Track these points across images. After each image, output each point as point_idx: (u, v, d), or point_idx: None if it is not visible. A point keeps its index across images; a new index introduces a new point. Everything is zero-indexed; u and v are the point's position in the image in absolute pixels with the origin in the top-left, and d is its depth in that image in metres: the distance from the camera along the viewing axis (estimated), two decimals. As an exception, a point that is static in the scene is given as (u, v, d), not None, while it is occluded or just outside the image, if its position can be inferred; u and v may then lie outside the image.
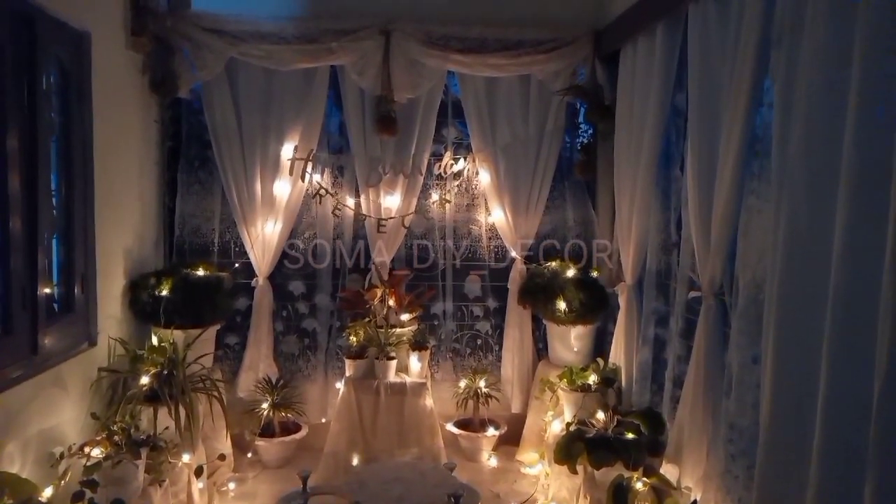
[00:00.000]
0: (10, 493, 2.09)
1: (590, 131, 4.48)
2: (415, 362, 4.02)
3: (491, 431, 4.15)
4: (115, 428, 2.73)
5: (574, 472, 3.14)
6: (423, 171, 4.26)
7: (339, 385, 4.03)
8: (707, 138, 2.71)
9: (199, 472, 3.02)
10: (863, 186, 1.76)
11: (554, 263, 4.18)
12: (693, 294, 2.86)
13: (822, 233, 1.92)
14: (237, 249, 4.23)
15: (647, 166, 3.35)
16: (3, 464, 2.27)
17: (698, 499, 2.64)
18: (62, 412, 2.73)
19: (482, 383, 4.16)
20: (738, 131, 2.43)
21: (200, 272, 3.72)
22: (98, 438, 2.70)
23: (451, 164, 4.28)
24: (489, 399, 4.18)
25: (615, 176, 3.84)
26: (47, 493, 2.25)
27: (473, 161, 4.31)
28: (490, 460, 4.10)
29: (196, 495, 3.11)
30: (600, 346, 4.13)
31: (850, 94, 1.80)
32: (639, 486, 2.79)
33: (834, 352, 1.83)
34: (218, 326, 3.85)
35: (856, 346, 1.79)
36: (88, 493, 2.40)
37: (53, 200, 2.79)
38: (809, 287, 1.99)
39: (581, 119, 4.49)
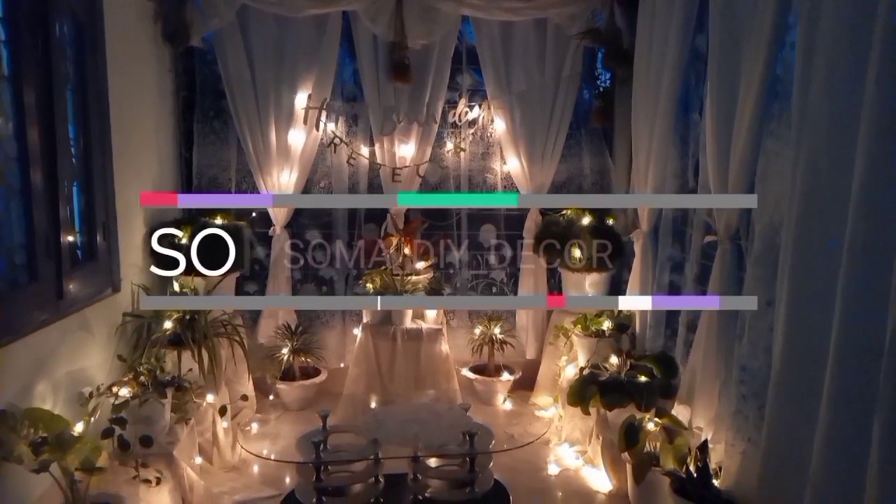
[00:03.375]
0: (43, 428, 2.20)
1: (607, 77, 4.40)
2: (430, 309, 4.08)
3: (506, 376, 4.23)
4: (141, 369, 2.83)
5: (587, 413, 3.21)
6: (438, 119, 4.22)
7: (357, 331, 4.12)
8: (727, 80, 2.64)
9: (223, 412, 3.13)
10: (884, 129, 1.72)
11: (569, 211, 4.17)
12: (709, 239, 2.85)
13: (841, 176, 1.89)
14: (254, 199, 4.27)
15: (666, 111, 3.30)
16: (36, 401, 2.37)
17: (709, 438, 2.68)
18: (89, 355, 2.83)
19: (497, 330, 4.23)
20: (758, 72, 2.37)
21: (219, 221, 3.77)
22: (125, 379, 2.80)
23: (466, 112, 4.24)
24: (504, 345, 4.24)
25: (633, 122, 3.78)
26: (78, 428, 2.35)
27: (488, 109, 4.27)
28: (505, 404, 4.20)
29: (221, 434, 3.24)
30: (615, 293, 4.15)
31: (874, 33, 1.74)
32: (650, 426, 2.84)
33: (848, 294, 1.83)
34: (237, 274, 3.93)
35: (870, 290, 1.78)
36: (118, 430, 2.51)
37: (72, 150, 2.83)
38: (826, 230, 1.97)
39: (599, 65, 4.41)
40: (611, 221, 4.14)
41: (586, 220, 4.03)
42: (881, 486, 1.68)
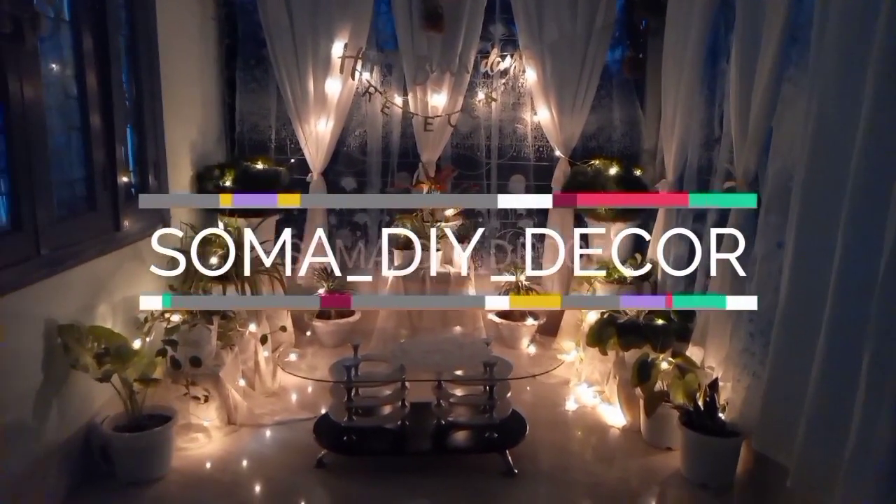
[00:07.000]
0: (105, 342, 2.46)
1: (641, 27, 4.38)
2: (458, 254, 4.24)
3: (530, 321, 4.38)
4: (190, 298, 3.08)
5: (604, 353, 3.35)
6: (470, 68, 4.29)
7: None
8: (752, 25, 2.66)
9: (263, 340, 3.38)
10: (890, 74, 1.77)
11: (597, 162, 4.23)
12: (728, 185, 2.91)
13: (849, 120, 1.94)
14: (293, 146, 4.45)
15: (693, 58, 3.32)
16: (98, 320, 2.64)
17: (720, 377, 2.81)
18: (143, 283, 3.09)
19: (523, 277, 4.36)
20: (780, 17, 2.40)
21: (260, 165, 3.98)
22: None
23: (498, 62, 4.29)
24: (529, 292, 4.38)
25: (663, 72, 3.79)
26: (135, 344, 2.62)
27: (520, 59, 4.31)
28: (529, 347, 4.36)
29: (262, 362, 3.50)
30: (640, 243, 4.22)
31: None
32: (664, 365, 2.98)
33: (849, 233, 1.91)
34: (277, 217, 4.14)
35: (868, 229, 1.86)
36: (170, 351, 2.77)
37: (126, 94, 3.03)
38: (833, 173, 2.04)
39: (632, 14, 4.38)
40: (638, 172, 4.19)
41: (613, 171, 4.10)
42: (865, 412, 1.79)
